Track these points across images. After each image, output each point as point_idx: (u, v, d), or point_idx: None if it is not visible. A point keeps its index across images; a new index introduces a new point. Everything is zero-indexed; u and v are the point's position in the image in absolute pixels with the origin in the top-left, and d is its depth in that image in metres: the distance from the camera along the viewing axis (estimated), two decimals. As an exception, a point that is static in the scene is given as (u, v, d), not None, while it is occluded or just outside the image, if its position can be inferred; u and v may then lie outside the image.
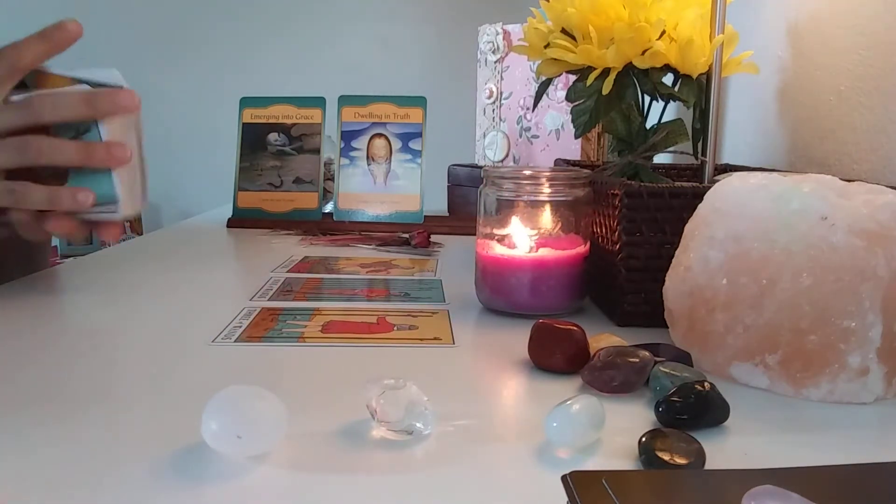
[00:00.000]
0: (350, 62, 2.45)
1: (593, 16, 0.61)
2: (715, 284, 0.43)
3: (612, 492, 0.25)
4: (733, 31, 0.64)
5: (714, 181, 0.49)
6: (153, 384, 0.43)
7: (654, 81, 0.61)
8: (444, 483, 0.31)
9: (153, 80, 2.31)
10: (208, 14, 2.46)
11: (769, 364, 0.41)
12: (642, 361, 0.41)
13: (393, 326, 0.54)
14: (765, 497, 0.23)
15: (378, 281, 0.70)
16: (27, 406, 0.39)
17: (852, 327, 0.39)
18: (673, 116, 0.66)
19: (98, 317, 0.59)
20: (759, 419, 0.38)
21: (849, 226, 0.39)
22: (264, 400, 0.34)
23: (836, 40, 0.70)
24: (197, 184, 2.38)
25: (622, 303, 0.55)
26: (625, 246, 0.54)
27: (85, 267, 0.76)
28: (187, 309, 0.60)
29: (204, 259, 0.84)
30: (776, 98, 0.83)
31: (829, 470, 0.29)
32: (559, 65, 0.65)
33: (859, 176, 0.66)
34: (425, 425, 0.35)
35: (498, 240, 0.58)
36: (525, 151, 1.16)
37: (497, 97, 1.19)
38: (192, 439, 0.34)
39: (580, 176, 0.58)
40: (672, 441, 0.33)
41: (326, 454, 0.34)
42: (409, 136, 1.02)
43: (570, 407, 0.34)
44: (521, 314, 0.56)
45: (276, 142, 1.05)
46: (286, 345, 0.50)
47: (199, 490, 0.30)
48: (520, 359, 0.47)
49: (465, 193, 1.08)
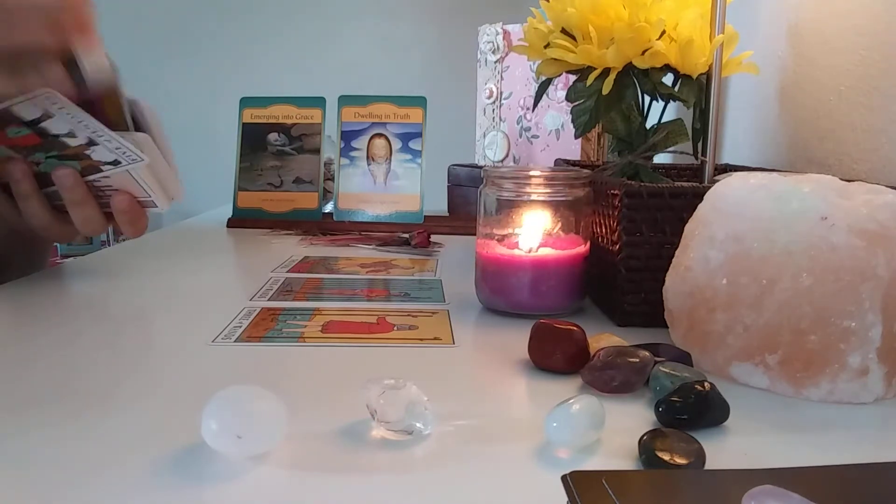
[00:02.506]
0: (350, 62, 2.45)
1: (593, 16, 0.61)
2: (715, 284, 0.43)
3: (612, 492, 0.25)
4: (733, 31, 0.64)
5: (714, 181, 0.49)
6: (153, 384, 0.43)
7: (654, 81, 0.61)
8: (444, 483, 0.31)
9: (153, 79, 2.32)
10: (208, 14, 2.46)
11: (769, 364, 0.41)
12: (642, 361, 0.41)
13: (393, 326, 0.54)
14: (765, 497, 0.23)
15: (378, 281, 0.70)
16: (27, 406, 0.39)
17: (852, 327, 0.39)
18: (673, 116, 0.66)
19: (98, 317, 0.59)
20: (759, 419, 0.38)
21: (849, 226, 0.39)
22: (264, 400, 0.34)
23: (836, 40, 0.70)
24: (197, 184, 2.38)
25: (622, 303, 0.55)
26: (625, 246, 0.54)
27: (85, 267, 0.76)
28: (187, 309, 0.60)
29: (204, 259, 0.84)
30: (776, 98, 0.83)
31: (829, 470, 0.29)
32: (559, 65, 0.65)
33: (859, 176, 0.66)
34: (425, 425, 0.35)
35: (498, 240, 0.58)
36: (525, 151, 1.16)
37: (497, 97, 1.19)
38: (192, 439, 0.34)
39: (580, 176, 0.58)
40: (672, 441, 0.33)
41: (326, 454, 0.34)
42: (409, 136, 1.02)
43: (570, 407, 0.34)
44: (521, 314, 0.56)
45: (276, 142, 1.05)
46: (286, 345, 0.50)
47: (199, 490, 0.30)
48: (520, 359, 0.47)
49: (465, 193, 1.08)
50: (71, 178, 0.60)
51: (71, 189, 0.60)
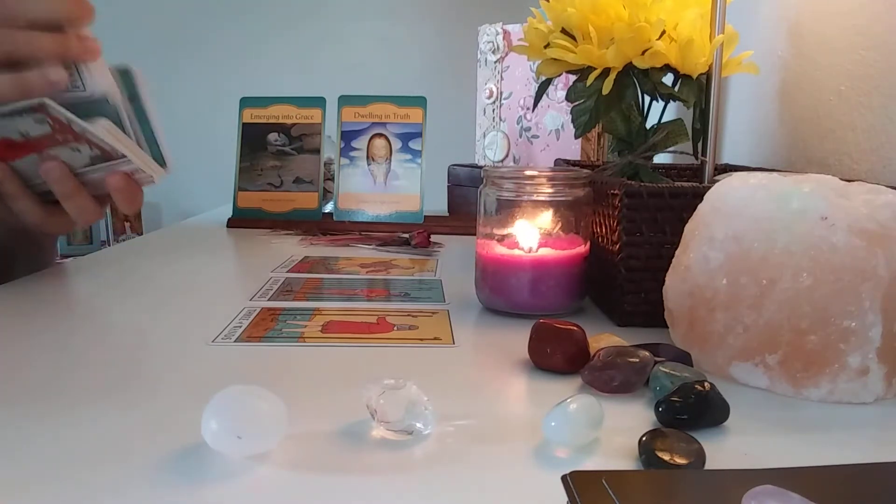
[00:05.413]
0: (350, 62, 2.46)
1: (593, 16, 0.61)
2: (715, 284, 0.43)
3: (612, 492, 0.25)
4: (733, 31, 0.64)
5: (714, 181, 0.49)
6: (153, 384, 0.43)
7: (654, 81, 0.61)
8: (444, 483, 0.31)
9: (153, 79, 2.31)
10: (208, 14, 2.47)
11: (769, 364, 0.41)
12: (642, 361, 0.41)
13: (393, 326, 0.54)
14: (765, 497, 0.23)
15: (378, 281, 0.70)
16: (28, 405, 0.39)
17: (852, 327, 0.39)
18: (673, 116, 0.66)
19: (98, 317, 0.59)
20: (759, 419, 0.38)
21: (849, 226, 0.39)
22: (264, 400, 0.34)
23: (836, 40, 0.70)
24: (197, 184, 2.38)
25: (622, 303, 0.55)
26: (625, 246, 0.54)
27: (85, 267, 0.76)
28: (187, 309, 0.60)
29: (204, 259, 0.84)
30: (776, 98, 0.83)
31: (829, 470, 0.29)
32: (559, 65, 0.65)
33: (859, 176, 0.66)
34: (425, 425, 0.35)
35: (498, 240, 0.58)
36: (525, 151, 1.16)
37: (497, 97, 1.19)
38: (192, 439, 0.34)
39: (580, 176, 0.58)
40: (672, 441, 0.33)
41: (326, 454, 0.34)
42: (409, 136, 1.02)
43: (568, 406, 0.34)
44: (521, 314, 0.56)
45: (276, 142, 1.05)
46: (286, 345, 0.50)
47: (199, 490, 0.30)
48: (520, 359, 0.47)
49: (465, 193, 1.08)
50: (58, 170, 0.59)
51: (60, 181, 0.59)
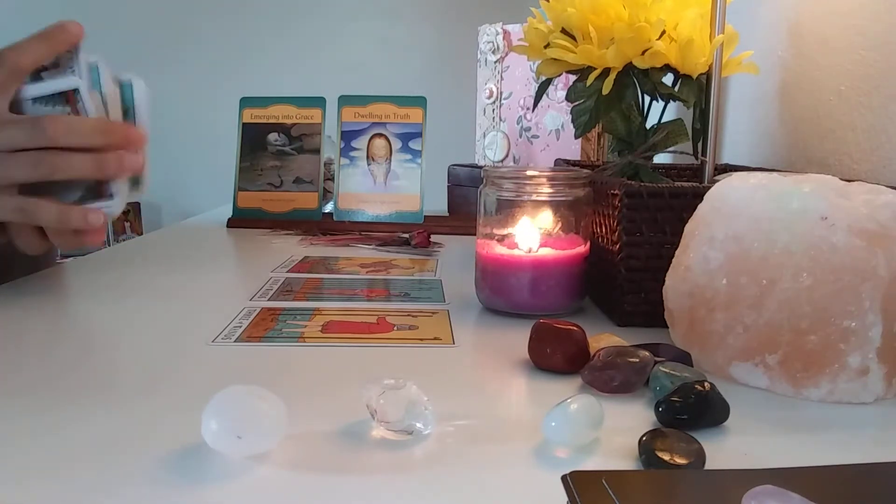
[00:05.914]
0: (350, 62, 2.46)
1: (593, 16, 0.61)
2: (715, 284, 0.43)
3: (612, 492, 0.25)
4: (733, 31, 0.64)
5: (714, 181, 0.49)
6: (153, 384, 0.43)
7: (654, 81, 0.61)
8: (444, 483, 0.31)
9: (153, 79, 2.31)
10: (208, 14, 2.47)
11: (769, 364, 0.41)
12: (642, 361, 0.41)
13: (393, 326, 0.54)
14: (765, 497, 0.23)
15: (378, 281, 0.70)
16: (28, 405, 0.39)
17: (852, 327, 0.39)
18: (673, 116, 0.66)
19: (98, 317, 0.59)
20: (759, 419, 0.38)
21: (849, 226, 0.39)
22: (264, 400, 0.34)
23: (836, 40, 0.70)
24: (197, 184, 2.38)
25: (622, 303, 0.55)
26: (625, 246, 0.54)
27: (85, 267, 0.76)
28: (187, 309, 0.60)
29: (204, 259, 0.84)
30: (776, 98, 0.83)
31: (829, 470, 0.29)
32: (559, 65, 0.65)
33: (859, 176, 0.66)
34: (425, 425, 0.35)
35: (498, 240, 0.58)
36: (525, 151, 1.16)
37: (497, 97, 1.19)
38: (192, 439, 0.34)
39: (580, 176, 0.58)
40: (672, 441, 0.33)
41: (326, 454, 0.34)
42: (409, 136, 1.02)
43: (568, 406, 0.34)
44: (521, 314, 0.56)
45: (276, 142, 1.05)
46: (286, 345, 0.50)
47: (199, 490, 0.30)
48: (520, 359, 0.47)
49: (465, 193, 1.08)
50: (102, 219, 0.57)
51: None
